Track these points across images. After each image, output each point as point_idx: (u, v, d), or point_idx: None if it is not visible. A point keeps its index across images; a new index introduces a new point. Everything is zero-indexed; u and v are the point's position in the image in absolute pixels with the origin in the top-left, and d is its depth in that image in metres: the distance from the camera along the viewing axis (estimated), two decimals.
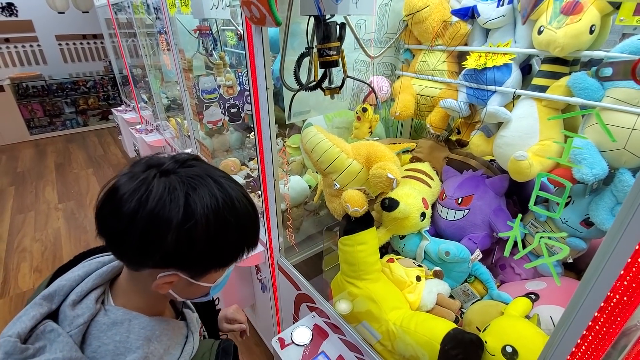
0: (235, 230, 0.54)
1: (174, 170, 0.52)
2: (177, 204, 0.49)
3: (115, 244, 0.53)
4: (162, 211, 0.48)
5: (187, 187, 0.50)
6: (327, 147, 1.03)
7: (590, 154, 0.83)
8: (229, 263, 0.60)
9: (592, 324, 0.46)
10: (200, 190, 0.51)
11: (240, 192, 0.56)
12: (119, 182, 0.51)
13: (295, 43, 1.06)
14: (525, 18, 0.87)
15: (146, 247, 0.50)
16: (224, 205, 0.52)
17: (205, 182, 0.52)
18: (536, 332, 0.77)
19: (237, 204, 0.54)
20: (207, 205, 0.50)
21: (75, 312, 0.54)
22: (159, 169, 0.51)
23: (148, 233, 0.49)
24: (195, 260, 0.54)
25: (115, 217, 0.49)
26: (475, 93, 1.10)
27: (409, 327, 0.88)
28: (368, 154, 1.02)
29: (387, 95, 1.34)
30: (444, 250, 1.07)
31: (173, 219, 0.48)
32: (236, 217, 0.54)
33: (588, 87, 0.85)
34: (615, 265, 0.42)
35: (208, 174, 0.54)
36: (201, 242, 0.51)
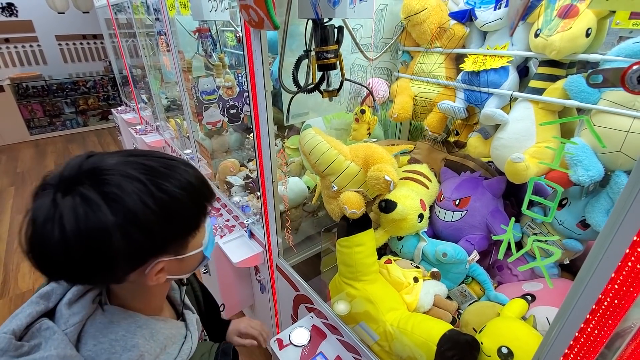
0: (178, 190, 0.51)
1: (74, 179, 0.47)
2: (98, 208, 0.45)
3: (74, 277, 0.50)
4: (87, 224, 0.44)
5: (97, 187, 0.46)
6: (325, 149, 1.03)
7: (586, 156, 0.84)
8: (200, 221, 0.58)
9: (584, 325, 0.47)
10: (113, 181, 0.47)
11: (155, 157, 0.53)
12: (33, 215, 0.46)
13: (294, 45, 1.07)
14: (513, 29, 0.87)
15: (102, 264, 0.47)
16: (148, 179, 0.49)
17: (113, 171, 0.48)
18: (531, 333, 0.78)
19: (162, 170, 0.51)
20: (132, 190, 0.47)
21: (71, 310, 0.54)
22: (58, 187, 0.46)
23: (91, 252, 0.46)
24: (164, 241, 0.52)
25: (51, 255, 0.46)
26: (473, 95, 1.11)
27: (405, 328, 0.89)
28: (366, 156, 1.03)
29: (384, 97, 1.35)
30: (442, 252, 1.08)
31: (106, 223, 0.45)
32: (169, 180, 0.51)
33: (584, 90, 0.86)
34: (607, 268, 0.42)
35: (111, 165, 0.49)
36: (154, 223, 0.49)
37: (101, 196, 0.46)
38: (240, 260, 1.49)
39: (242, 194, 1.83)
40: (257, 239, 1.57)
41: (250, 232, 1.61)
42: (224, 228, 1.73)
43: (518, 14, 0.64)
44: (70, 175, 0.47)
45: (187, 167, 0.55)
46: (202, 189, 0.56)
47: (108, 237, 0.45)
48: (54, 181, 0.47)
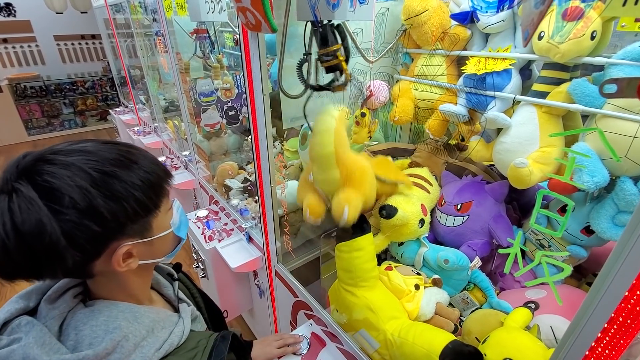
0: (119, 170, 0.51)
1: (9, 178, 0.47)
2: (30, 201, 0.45)
3: (30, 275, 0.50)
4: (23, 218, 0.44)
5: (30, 179, 0.46)
6: (327, 140, 0.93)
7: (591, 161, 0.82)
8: (158, 202, 0.57)
9: (595, 344, 0.45)
10: (45, 170, 0.47)
11: (90, 144, 0.53)
12: None
13: (293, 47, 1.05)
14: (527, 40, 0.84)
15: (50, 257, 0.47)
16: (84, 163, 0.49)
17: (56, 161, 0.48)
18: (536, 345, 0.76)
19: (101, 154, 0.51)
20: (71, 176, 0.47)
21: (51, 305, 0.54)
22: (2, 190, 0.46)
23: (33, 247, 0.45)
24: (117, 223, 0.51)
25: (8, 258, 0.46)
26: (474, 98, 1.09)
27: (407, 338, 0.87)
28: (349, 173, 0.97)
29: (385, 100, 1.33)
30: (443, 258, 1.06)
31: (41, 216, 0.45)
32: (109, 161, 0.51)
33: (589, 94, 0.84)
34: (620, 286, 0.40)
35: (43, 158, 0.48)
36: (101, 206, 0.48)
37: (32, 186, 0.45)
38: (238, 265, 1.47)
39: (240, 198, 1.81)
40: (255, 243, 1.55)
41: (249, 236, 1.59)
42: (222, 232, 1.71)
43: (533, 23, 0.62)
44: (5, 175, 0.47)
45: (128, 148, 0.55)
46: (147, 166, 0.55)
47: (46, 229, 0.45)
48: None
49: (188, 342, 0.62)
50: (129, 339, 0.54)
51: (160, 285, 0.72)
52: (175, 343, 0.60)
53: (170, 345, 0.59)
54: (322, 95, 1.06)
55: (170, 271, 0.77)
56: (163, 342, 0.58)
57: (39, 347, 0.48)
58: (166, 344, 0.58)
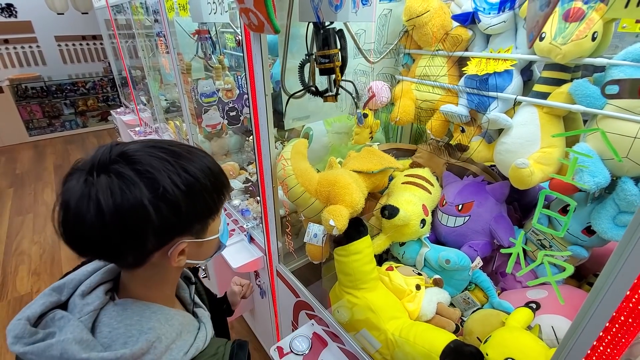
0: (200, 173, 0.54)
1: (106, 161, 0.49)
2: (134, 184, 0.47)
3: (107, 254, 0.53)
4: (124, 199, 0.47)
5: (131, 165, 0.49)
6: (292, 185, 1.07)
7: (592, 162, 0.82)
8: (219, 206, 0.61)
9: (596, 343, 0.45)
10: (145, 161, 0.50)
11: (175, 145, 0.56)
12: (64, 198, 0.48)
13: (295, 48, 1.05)
14: (532, 42, 0.85)
15: (136, 239, 0.49)
16: (174, 161, 0.52)
17: (141, 152, 0.51)
18: (538, 345, 0.76)
19: (184, 155, 0.54)
20: (162, 169, 0.50)
21: (85, 301, 0.55)
22: (90, 170, 0.49)
23: (127, 227, 0.48)
24: (189, 220, 0.54)
25: (86, 233, 0.48)
26: (476, 99, 1.09)
27: (408, 337, 0.87)
28: (329, 194, 1.06)
29: (387, 101, 1.33)
30: (444, 258, 1.06)
31: (142, 198, 0.47)
32: (191, 163, 0.54)
33: (590, 95, 0.84)
34: (622, 285, 0.41)
35: (137, 149, 0.52)
36: (182, 201, 0.51)
37: (135, 173, 0.48)
38: (239, 266, 1.47)
39: (242, 198, 1.82)
40: (256, 244, 1.55)
41: (250, 236, 1.59)
42: None
43: (538, 25, 0.62)
44: (101, 158, 0.49)
45: (205, 154, 0.59)
46: (220, 175, 0.59)
47: (145, 211, 0.47)
48: (85, 166, 0.49)
49: (209, 348, 0.64)
50: (162, 341, 0.55)
51: (178, 287, 0.73)
52: (200, 347, 0.61)
53: (196, 349, 0.60)
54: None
55: (189, 274, 0.79)
56: (190, 346, 0.59)
57: (77, 343, 0.49)
58: (192, 347, 0.59)
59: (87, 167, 0.49)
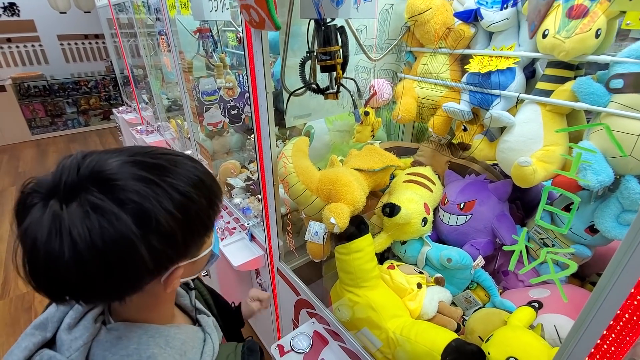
0: (193, 190, 0.47)
1: (74, 185, 0.40)
2: (117, 218, 0.39)
3: (90, 297, 0.45)
4: (105, 237, 0.39)
5: (109, 193, 0.40)
6: (293, 183, 1.07)
7: (596, 160, 0.82)
8: (214, 220, 0.55)
9: (600, 342, 0.45)
10: (128, 187, 0.41)
11: (158, 154, 0.48)
12: (29, 235, 0.39)
13: (296, 46, 1.05)
14: (534, 32, 0.84)
15: (125, 279, 0.43)
16: (162, 180, 0.44)
17: (122, 173, 0.42)
18: (540, 344, 0.75)
19: (172, 169, 0.47)
20: (150, 195, 0.42)
21: (72, 335, 0.49)
22: (55, 196, 0.40)
23: (112, 268, 0.40)
24: (186, 246, 0.49)
25: (62, 276, 0.40)
26: (478, 96, 1.09)
27: (409, 336, 0.87)
28: (330, 192, 1.05)
29: (389, 99, 1.32)
30: (446, 257, 1.05)
31: (129, 235, 0.40)
32: (181, 178, 0.47)
33: (594, 92, 0.83)
34: (626, 283, 0.40)
35: (116, 167, 0.43)
36: (176, 229, 0.44)
37: (117, 203, 0.40)
38: (240, 264, 1.47)
39: (243, 196, 1.81)
40: (258, 242, 1.55)
41: (251, 234, 1.59)
42: (225, 230, 1.71)
43: (540, 14, 0.61)
44: (68, 180, 0.40)
45: (194, 163, 0.51)
46: (212, 185, 0.52)
47: (133, 249, 0.41)
48: (46, 189, 0.41)
49: (218, 357, 0.60)
50: None
51: (178, 295, 0.69)
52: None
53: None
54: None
55: (187, 280, 0.74)
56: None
57: None
58: None
59: (49, 190, 0.40)
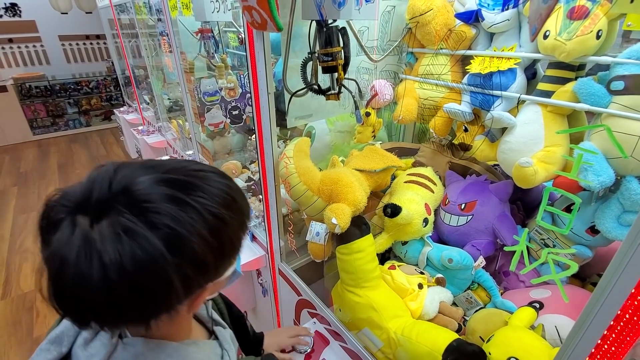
0: (226, 212, 0.45)
1: (105, 202, 0.39)
2: (152, 245, 0.38)
3: (117, 322, 0.43)
4: (138, 264, 0.37)
5: (142, 216, 0.39)
6: (294, 183, 1.07)
7: (597, 161, 0.82)
8: (242, 243, 0.52)
9: (601, 342, 0.45)
10: (163, 210, 0.39)
11: (189, 170, 0.46)
12: (58, 254, 0.37)
13: (297, 47, 1.05)
14: (535, 35, 0.84)
15: (153, 305, 0.41)
16: (196, 202, 0.42)
17: (155, 195, 0.40)
18: (542, 344, 0.75)
19: (206, 188, 0.44)
20: (186, 221, 0.41)
21: (88, 351, 0.47)
22: (84, 212, 0.39)
23: (142, 295, 0.39)
24: (216, 270, 0.47)
25: (91, 298, 0.38)
26: (479, 98, 1.09)
27: (410, 336, 0.87)
28: (331, 193, 1.05)
29: (390, 99, 1.33)
30: (447, 257, 1.06)
31: (164, 265, 0.38)
32: (215, 199, 0.44)
33: (594, 93, 0.83)
34: (627, 283, 0.40)
35: (147, 186, 0.41)
36: (209, 254, 0.43)
37: (149, 227, 0.38)
38: (241, 264, 1.47)
39: None
40: (259, 242, 1.56)
41: (252, 235, 1.59)
42: None
43: (541, 17, 0.61)
44: (100, 196, 0.39)
45: (226, 180, 0.49)
46: (243, 204, 0.50)
47: (165, 277, 0.39)
48: (74, 203, 0.39)
49: None
50: None
51: None
52: None
53: None
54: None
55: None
56: None
57: None
58: None
59: (77, 204, 0.39)
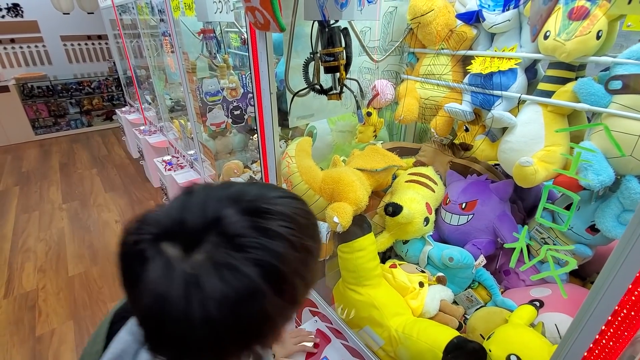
0: (312, 244, 0.45)
1: (200, 233, 0.38)
2: (256, 288, 0.37)
3: (211, 354, 0.40)
4: (242, 304, 0.36)
5: (243, 254, 0.37)
6: (296, 182, 1.07)
7: (597, 160, 0.82)
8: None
9: (599, 337, 0.46)
10: (272, 247, 0.39)
11: (280, 198, 0.44)
12: (155, 291, 0.36)
13: (299, 47, 1.06)
14: (535, 35, 0.85)
15: (252, 338, 0.40)
16: (290, 229, 0.41)
17: (253, 230, 0.39)
18: (541, 341, 0.76)
19: (302, 222, 0.44)
20: (292, 259, 0.40)
21: None
22: (179, 236, 0.38)
23: (245, 329, 0.38)
24: (302, 298, 0.45)
25: (191, 336, 0.37)
26: (480, 97, 1.10)
27: (411, 334, 0.88)
28: (333, 192, 1.05)
29: (391, 99, 1.33)
30: (448, 256, 1.06)
31: (265, 304, 0.38)
32: (305, 232, 0.44)
33: (594, 93, 0.84)
34: (624, 279, 0.41)
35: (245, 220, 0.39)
36: (304, 288, 0.43)
37: (253, 264, 0.37)
38: None
39: None
40: None
41: None
42: None
43: (542, 19, 0.62)
44: (194, 227, 0.38)
45: (304, 207, 0.47)
46: (316, 219, 0.49)
47: (264, 310, 0.38)
48: (162, 229, 0.38)
49: None
50: None
51: None
52: None
53: None
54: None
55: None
56: None
57: None
58: None
59: (166, 230, 0.38)
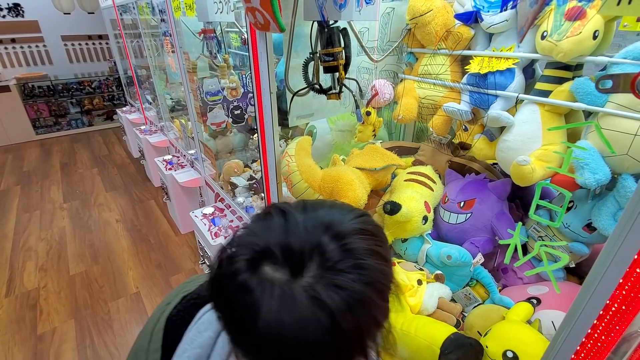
0: (386, 243, 0.46)
1: (304, 256, 0.39)
2: (351, 289, 0.37)
3: None
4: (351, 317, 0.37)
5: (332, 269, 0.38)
6: (296, 181, 1.09)
7: (593, 159, 0.83)
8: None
9: (591, 331, 0.47)
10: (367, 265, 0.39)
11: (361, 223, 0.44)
12: (270, 318, 0.36)
13: (299, 47, 1.07)
14: (522, 37, 0.87)
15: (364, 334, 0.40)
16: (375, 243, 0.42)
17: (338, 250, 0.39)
18: (537, 337, 0.77)
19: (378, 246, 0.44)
20: (379, 269, 0.41)
21: None
22: (289, 259, 0.38)
23: (361, 329, 0.39)
24: (389, 299, 0.45)
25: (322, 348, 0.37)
26: (478, 97, 1.11)
27: (409, 330, 0.89)
28: (332, 190, 1.07)
29: (390, 99, 1.34)
30: (446, 254, 1.07)
31: (375, 314, 0.39)
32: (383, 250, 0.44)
33: (591, 92, 0.85)
34: (615, 274, 0.42)
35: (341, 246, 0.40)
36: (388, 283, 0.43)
37: (360, 279, 0.38)
38: None
39: (246, 195, 1.84)
40: None
41: None
42: (228, 229, 1.73)
43: (528, 21, 0.63)
44: (301, 251, 0.39)
45: (371, 219, 0.48)
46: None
47: (376, 321, 0.40)
48: (259, 252, 0.39)
49: None
50: None
51: None
52: None
53: None
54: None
55: None
56: None
57: None
58: None
59: (264, 253, 0.39)
